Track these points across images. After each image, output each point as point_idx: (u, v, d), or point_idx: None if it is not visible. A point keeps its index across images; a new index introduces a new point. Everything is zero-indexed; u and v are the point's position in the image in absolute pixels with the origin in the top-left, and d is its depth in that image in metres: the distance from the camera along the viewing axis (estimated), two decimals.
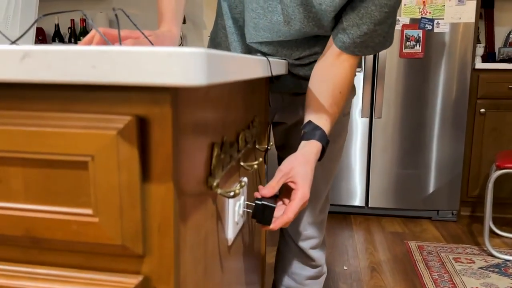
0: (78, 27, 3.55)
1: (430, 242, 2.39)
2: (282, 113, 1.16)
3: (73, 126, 0.41)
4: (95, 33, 0.77)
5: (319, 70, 0.98)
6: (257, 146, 0.97)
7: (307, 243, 1.18)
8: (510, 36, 2.98)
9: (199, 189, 0.53)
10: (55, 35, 3.50)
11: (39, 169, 0.43)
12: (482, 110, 2.67)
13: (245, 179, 0.81)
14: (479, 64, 2.63)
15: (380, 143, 2.67)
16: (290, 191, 0.85)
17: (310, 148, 0.90)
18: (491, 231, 2.48)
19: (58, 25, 3.51)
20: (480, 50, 2.85)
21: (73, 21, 3.56)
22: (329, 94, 0.95)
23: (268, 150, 1.04)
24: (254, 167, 0.82)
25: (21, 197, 0.44)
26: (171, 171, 0.43)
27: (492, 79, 2.63)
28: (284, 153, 1.21)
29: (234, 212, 0.74)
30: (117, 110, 0.41)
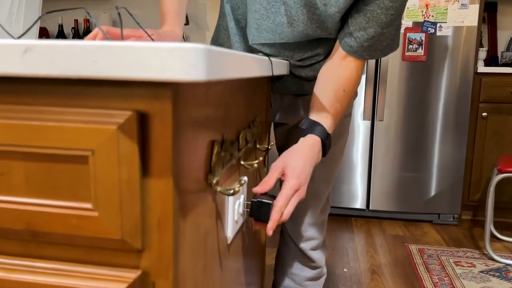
0: (82, 27, 3.56)
1: (431, 245, 2.39)
2: (284, 114, 1.16)
3: (74, 121, 0.42)
4: (98, 31, 0.78)
5: (325, 72, 0.99)
6: (257, 146, 0.97)
7: (308, 244, 1.19)
8: None
9: (198, 186, 0.54)
10: (59, 35, 3.51)
11: (40, 163, 0.44)
12: (484, 114, 2.66)
13: (245, 178, 0.82)
14: (482, 68, 2.63)
15: (381, 146, 2.67)
16: None
17: (305, 142, 0.89)
18: (492, 235, 2.47)
19: (62, 25, 3.53)
20: (482, 54, 2.85)
21: (76, 21, 3.57)
22: (332, 92, 0.95)
23: (269, 150, 1.04)
24: (254, 166, 0.82)
25: (22, 191, 0.45)
26: (171, 166, 0.43)
27: (494, 83, 2.63)
28: None
29: (234, 211, 0.74)
30: (117, 105, 0.42)
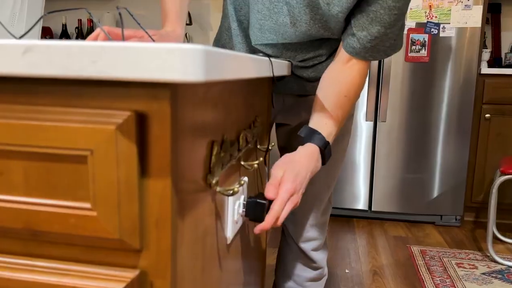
0: (85, 27, 3.57)
1: (433, 247, 2.38)
2: (286, 114, 1.16)
3: (73, 121, 0.42)
4: (99, 31, 0.78)
5: (327, 77, 0.98)
6: (258, 146, 0.98)
7: (309, 245, 1.19)
8: None
9: (197, 186, 0.54)
10: (62, 34, 3.53)
11: (39, 163, 0.44)
12: (487, 115, 2.65)
13: (246, 178, 0.82)
14: (485, 69, 2.62)
15: (384, 147, 2.67)
16: None
17: (303, 151, 0.88)
18: (495, 237, 2.46)
19: (66, 25, 3.54)
20: (486, 55, 2.84)
21: (80, 21, 3.58)
22: (334, 97, 0.94)
23: (269, 150, 1.04)
24: (255, 166, 0.82)
25: (21, 190, 0.45)
26: (169, 166, 0.43)
27: (498, 85, 2.62)
28: None
29: (234, 211, 0.74)
30: (116, 105, 0.42)
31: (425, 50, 2.53)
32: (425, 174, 2.66)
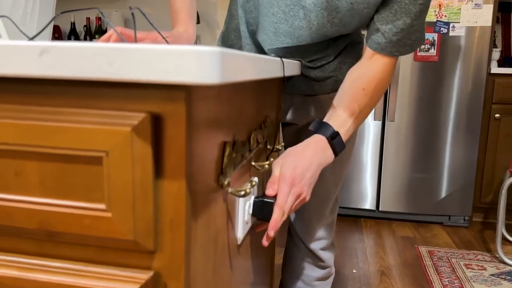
0: (94, 25, 3.59)
1: (441, 247, 2.37)
2: (293, 114, 1.16)
3: (88, 122, 0.42)
4: (112, 32, 0.78)
5: (349, 72, 0.96)
6: (268, 146, 0.97)
7: (317, 244, 1.18)
8: None
9: (210, 187, 0.54)
10: (71, 33, 3.54)
11: (55, 164, 0.44)
12: (497, 115, 2.63)
13: (256, 179, 0.82)
14: (495, 69, 2.60)
15: (392, 146, 2.66)
16: None
17: (307, 142, 0.85)
18: (504, 238, 2.44)
19: (74, 23, 3.55)
20: (496, 54, 2.82)
21: (88, 19, 3.60)
22: (351, 90, 0.92)
23: (279, 150, 1.04)
24: (265, 167, 0.82)
25: (36, 190, 0.45)
26: (184, 168, 0.43)
27: (508, 84, 2.60)
28: None
29: (244, 212, 0.74)
30: (132, 107, 0.42)
31: (434, 50, 2.51)
32: (433, 174, 2.65)
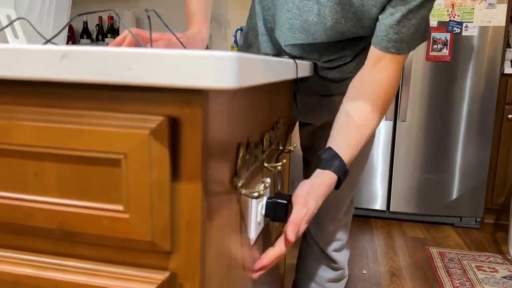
0: (106, 24, 3.61)
1: (452, 249, 2.36)
2: (309, 114, 1.16)
3: (107, 125, 0.43)
4: (127, 33, 0.79)
5: (354, 84, 0.94)
6: (280, 147, 0.98)
7: (331, 246, 1.19)
8: None
9: (225, 188, 0.54)
10: (83, 32, 3.57)
11: (74, 165, 0.45)
12: (510, 116, 2.61)
13: (268, 180, 0.82)
14: (508, 69, 2.57)
15: (403, 147, 2.64)
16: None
17: (323, 180, 0.84)
18: None
19: (87, 22, 3.59)
20: (509, 54, 2.79)
21: (101, 18, 3.62)
22: (359, 111, 0.89)
23: (291, 151, 1.04)
24: (278, 168, 0.82)
25: (55, 191, 0.46)
26: (200, 170, 0.44)
27: None
28: (309, 154, 1.21)
29: (257, 213, 0.75)
30: (150, 110, 0.43)
31: (446, 49, 2.49)
32: (444, 174, 2.63)
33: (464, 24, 2.45)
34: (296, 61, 0.80)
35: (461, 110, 2.56)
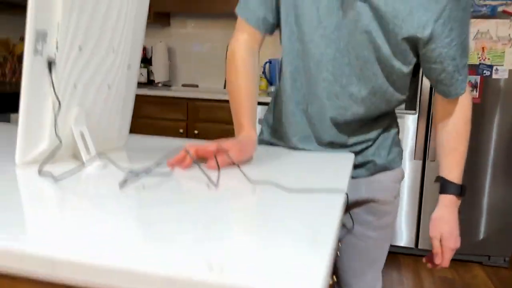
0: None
1: None
2: None
3: None
4: (185, 154, 0.86)
5: (441, 133, 1.12)
6: None
7: None
8: None
9: None
10: None
11: None
12: None
13: None
14: None
15: (433, 186, 2.67)
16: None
17: (449, 202, 1.10)
18: None
19: None
20: None
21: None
22: (448, 140, 1.09)
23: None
24: None
25: None
26: None
27: None
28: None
29: None
30: None
31: (476, 92, 2.52)
32: (472, 213, 2.65)
33: (494, 67, 2.47)
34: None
35: (489, 151, 2.58)
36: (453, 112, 1.07)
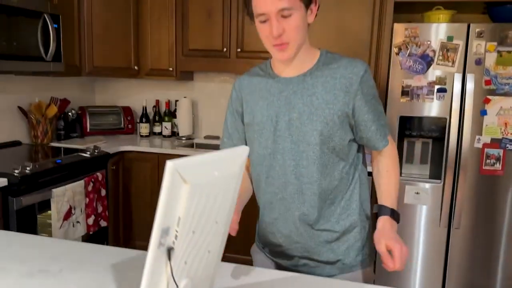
0: (163, 107, 3.83)
1: None
2: None
3: None
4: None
5: (376, 176, 1.38)
6: None
7: None
8: None
9: None
10: (142, 116, 3.79)
11: None
12: None
13: None
14: None
15: (457, 253, 2.76)
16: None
17: (386, 220, 1.27)
18: None
19: (146, 107, 3.81)
20: None
21: (158, 101, 3.85)
22: (382, 177, 1.36)
23: None
24: None
25: None
26: None
27: None
28: None
29: None
30: None
31: (499, 164, 2.63)
32: (487, 282, 2.74)
33: None
34: None
35: (506, 220, 2.68)
36: (384, 157, 1.38)
